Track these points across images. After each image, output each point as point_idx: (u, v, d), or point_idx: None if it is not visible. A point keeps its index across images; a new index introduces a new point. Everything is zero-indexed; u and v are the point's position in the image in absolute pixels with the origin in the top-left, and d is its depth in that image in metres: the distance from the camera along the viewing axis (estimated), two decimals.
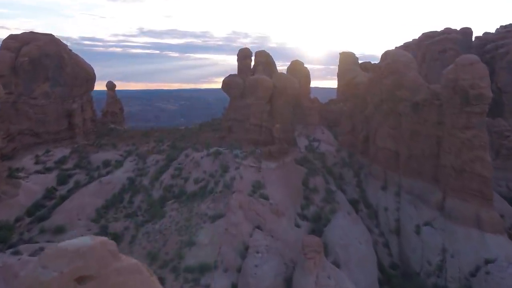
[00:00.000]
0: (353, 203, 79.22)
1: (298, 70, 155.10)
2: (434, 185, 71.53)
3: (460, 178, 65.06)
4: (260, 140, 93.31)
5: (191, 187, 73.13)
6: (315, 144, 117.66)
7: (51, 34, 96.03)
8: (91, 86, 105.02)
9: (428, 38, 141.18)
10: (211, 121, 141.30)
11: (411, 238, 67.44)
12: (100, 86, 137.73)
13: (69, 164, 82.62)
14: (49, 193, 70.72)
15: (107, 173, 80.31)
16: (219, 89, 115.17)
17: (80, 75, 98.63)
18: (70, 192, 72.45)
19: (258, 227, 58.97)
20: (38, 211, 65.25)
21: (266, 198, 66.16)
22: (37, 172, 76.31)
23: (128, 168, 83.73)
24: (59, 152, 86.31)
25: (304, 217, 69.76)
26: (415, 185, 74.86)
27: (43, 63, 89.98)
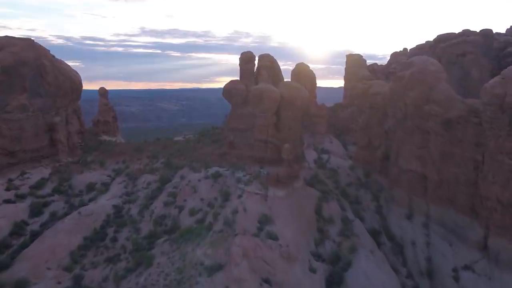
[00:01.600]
0: (374, 233, 67.16)
1: (304, 74, 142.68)
2: (472, 219, 59.36)
3: (508, 214, 52.84)
4: (266, 157, 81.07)
5: (186, 220, 61.07)
6: (325, 157, 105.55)
7: (30, 39, 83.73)
8: (77, 96, 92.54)
9: (444, 40, 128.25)
10: (211, 130, 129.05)
11: (449, 284, 55.29)
12: (102, 85, 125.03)
13: (46, 189, 70.42)
14: (18, 228, 58.62)
15: (90, 200, 68.12)
16: (221, 88, 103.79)
17: (64, 84, 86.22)
18: (44, 226, 60.33)
19: (267, 281, 46.83)
20: (2, 254, 53.15)
21: (275, 237, 53.93)
22: (7, 201, 63.97)
23: (115, 192, 71.65)
24: (37, 174, 74.13)
25: (319, 257, 57.56)
26: (447, 216, 62.68)
27: (20, 72, 77.57)
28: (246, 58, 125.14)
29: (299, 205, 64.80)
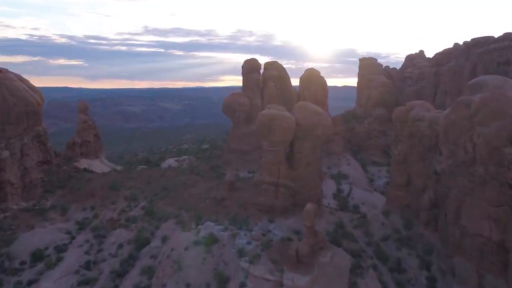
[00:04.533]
0: None
1: (314, 81, 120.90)
2: None
3: None
4: (276, 206, 59.55)
5: None
6: (346, 188, 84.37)
7: None
8: (37, 121, 70.43)
9: (481, 45, 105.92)
10: (210, 151, 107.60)
11: None
12: (105, 84, 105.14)
13: None
14: None
15: (30, 282, 46.53)
16: (224, 87, 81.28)
17: (15, 108, 64.60)
18: None
19: None
20: None
21: None
22: None
23: (71, 263, 50.18)
24: None
25: None
26: None
27: None
28: (250, 67, 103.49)
29: None
